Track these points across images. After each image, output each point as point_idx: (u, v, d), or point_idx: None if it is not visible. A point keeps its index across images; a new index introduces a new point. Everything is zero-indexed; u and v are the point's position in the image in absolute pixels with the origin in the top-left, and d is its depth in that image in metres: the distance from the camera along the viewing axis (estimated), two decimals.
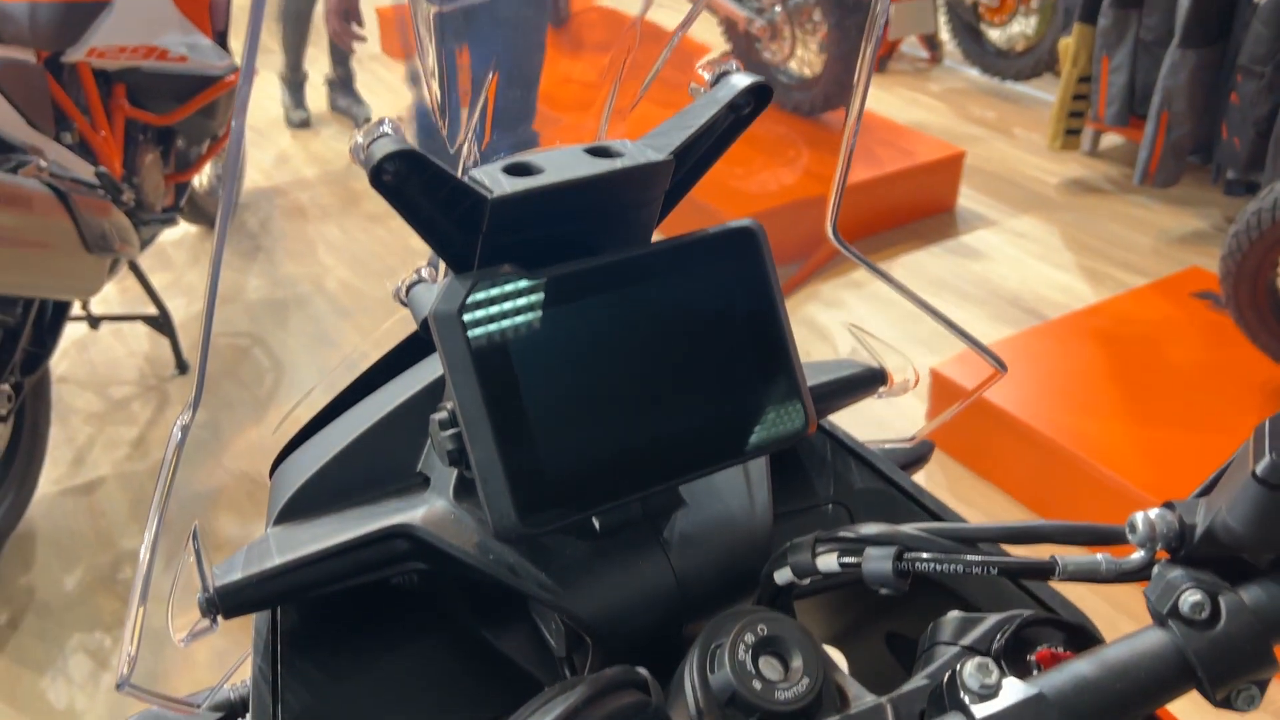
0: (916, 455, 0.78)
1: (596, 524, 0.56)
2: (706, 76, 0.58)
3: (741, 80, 0.57)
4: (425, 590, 0.62)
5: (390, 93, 4.67)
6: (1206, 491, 0.48)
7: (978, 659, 0.44)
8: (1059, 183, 3.91)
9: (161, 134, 2.80)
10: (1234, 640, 0.43)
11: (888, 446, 0.77)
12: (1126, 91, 3.59)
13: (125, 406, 2.74)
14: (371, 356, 0.66)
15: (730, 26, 4.10)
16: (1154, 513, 0.47)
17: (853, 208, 3.54)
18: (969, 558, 0.49)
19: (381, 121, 0.49)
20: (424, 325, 0.55)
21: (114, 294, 3.09)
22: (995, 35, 4.55)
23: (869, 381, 0.71)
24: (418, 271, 0.59)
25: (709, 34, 4.35)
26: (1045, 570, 0.48)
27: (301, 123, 4.43)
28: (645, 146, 0.55)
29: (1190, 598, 0.44)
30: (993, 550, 0.54)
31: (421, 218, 0.51)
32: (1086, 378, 2.51)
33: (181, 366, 2.85)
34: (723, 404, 0.54)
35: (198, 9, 2.74)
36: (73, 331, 2.55)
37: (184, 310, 3.10)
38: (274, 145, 4.27)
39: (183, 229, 3.49)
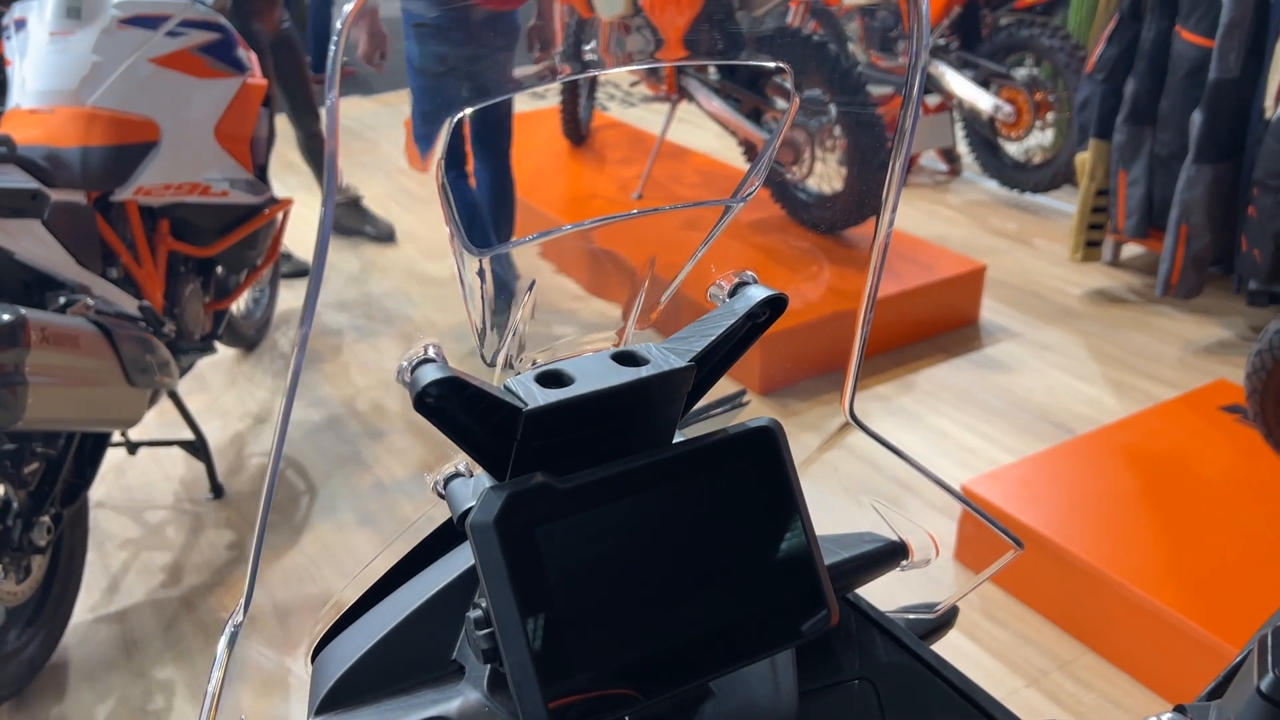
0: (941, 623, 0.80)
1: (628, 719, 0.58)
2: (726, 286, 0.62)
3: (758, 292, 0.61)
4: None
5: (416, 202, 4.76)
6: (1216, 693, 0.49)
7: None
8: (1082, 294, 3.94)
9: (202, 265, 2.90)
10: None
11: (911, 617, 0.78)
12: (1144, 204, 3.65)
13: (160, 532, 2.78)
14: (408, 543, 0.68)
15: (749, 147, 4.22)
16: (1166, 717, 0.48)
17: (876, 322, 3.55)
18: None
19: (426, 347, 0.53)
20: (460, 518, 0.58)
21: (151, 418, 3.15)
22: (1012, 149, 4.65)
23: (890, 556, 0.73)
24: (454, 465, 0.62)
25: (730, 152, 4.48)
26: None
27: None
28: (668, 352, 0.59)
29: None
30: None
31: (459, 430, 0.54)
32: (1117, 495, 2.50)
33: (216, 490, 2.89)
34: (747, 601, 0.56)
35: (239, 145, 2.86)
36: (110, 457, 2.60)
37: (220, 433, 3.16)
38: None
39: (221, 353, 3.57)
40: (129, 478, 2.99)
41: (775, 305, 0.60)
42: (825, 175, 4.06)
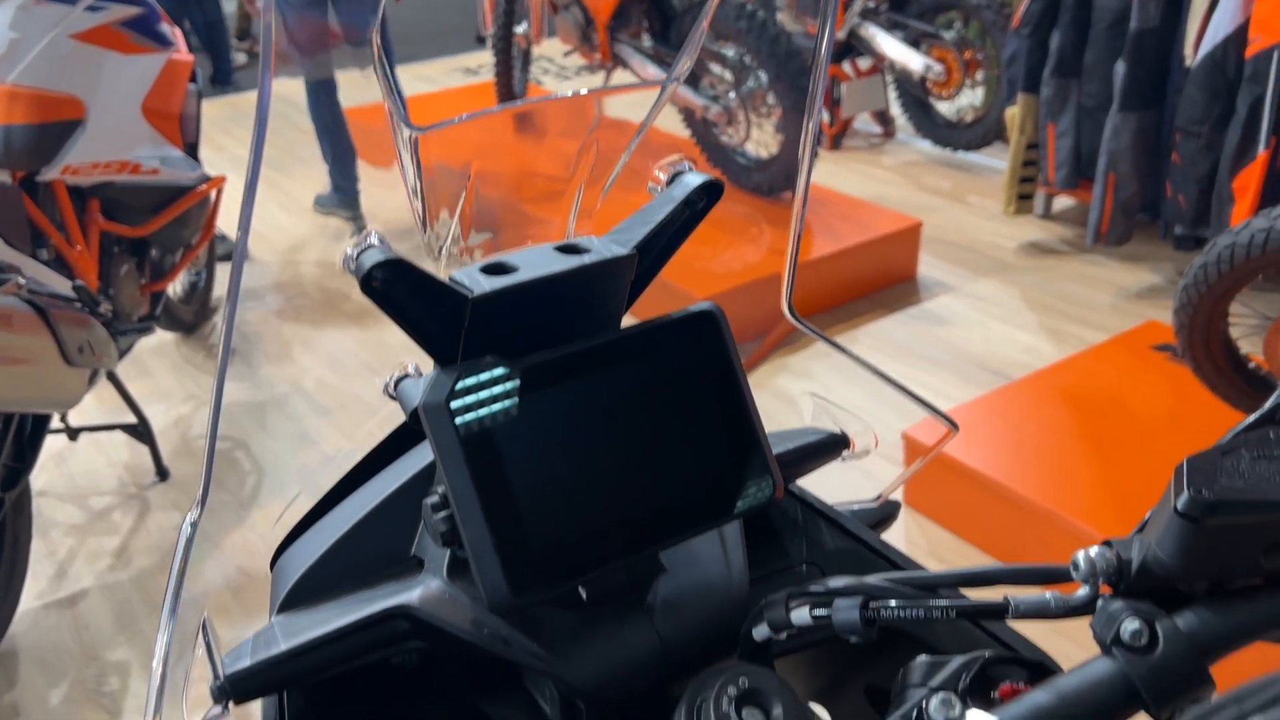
0: (883, 515, 0.82)
1: (583, 594, 0.59)
2: (663, 176, 0.64)
3: (694, 179, 0.62)
4: (425, 668, 0.64)
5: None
6: (1144, 529, 0.52)
7: (942, 694, 0.48)
8: (1015, 246, 4.02)
9: (136, 245, 2.85)
10: (1172, 663, 0.47)
11: (855, 508, 0.81)
12: (1073, 156, 3.73)
13: (106, 517, 2.74)
14: (363, 450, 0.69)
15: (689, 114, 4.24)
16: (1094, 550, 0.51)
17: (817, 280, 3.63)
18: (930, 602, 0.53)
19: (369, 234, 0.54)
20: (413, 416, 0.59)
21: (91, 404, 3.10)
22: (944, 108, 4.72)
23: (832, 446, 0.75)
24: (404, 367, 0.63)
25: (670, 123, 4.49)
26: (999, 610, 0.52)
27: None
28: (610, 242, 0.60)
29: (1130, 626, 0.47)
30: (951, 594, 0.57)
31: (408, 318, 0.55)
32: (1055, 433, 2.57)
33: (162, 474, 2.85)
34: (695, 475, 0.58)
35: (168, 122, 2.82)
36: (51, 444, 2.55)
37: (163, 417, 3.12)
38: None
39: (158, 336, 3.51)
40: (71, 465, 2.94)
41: (711, 191, 0.62)
42: (762, 141, 4.09)
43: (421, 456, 0.66)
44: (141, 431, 2.84)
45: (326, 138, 4.29)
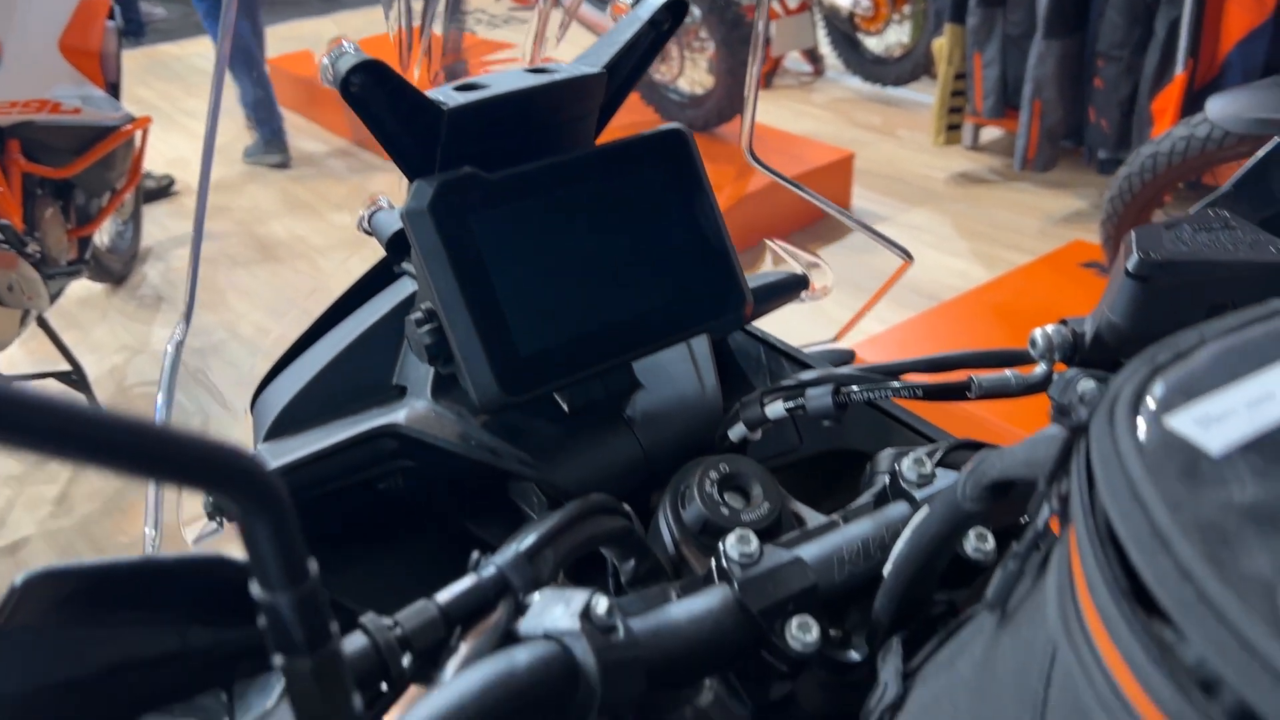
0: (841, 359, 0.85)
1: (565, 406, 0.61)
2: (627, 2, 0.65)
3: None
4: (411, 494, 0.66)
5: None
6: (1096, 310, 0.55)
7: (914, 455, 0.50)
8: (945, 177, 4.09)
9: (60, 188, 2.77)
10: None
11: (815, 349, 0.84)
12: (1000, 85, 3.80)
13: (43, 466, 2.68)
14: (338, 290, 0.70)
15: None
16: (1050, 328, 0.54)
17: (754, 213, 3.66)
18: (895, 384, 0.56)
19: (343, 42, 0.54)
20: (389, 245, 0.60)
21: (21, 356, 3.02)
22: (872, 44, 4.75)
23: (792, 286, 0.77)
24: (375, 201, 0.64)
25: None
26: (962, 389, 0.55)
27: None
28: (579, 64, 0.61)
29: (1085, 385, 0.50)
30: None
31: (386, 130, 0.56)
32: (987, 345, 2.64)
33: None
34: (670, 286, 0.60)
35: (88, 61, 2.73)
36: None
37: (96, 366, 3.05)
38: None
39: (87, 287, 3.43)
40: None
41: (676, 10, 0.63)
42: (696, 78, 4.09)
43: (398, 292, 0.67)
44: (77, 379, 2.78)
45: (245, 80, 4.21)
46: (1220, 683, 0.22)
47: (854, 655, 0.49)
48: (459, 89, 0.58)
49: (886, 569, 0.45)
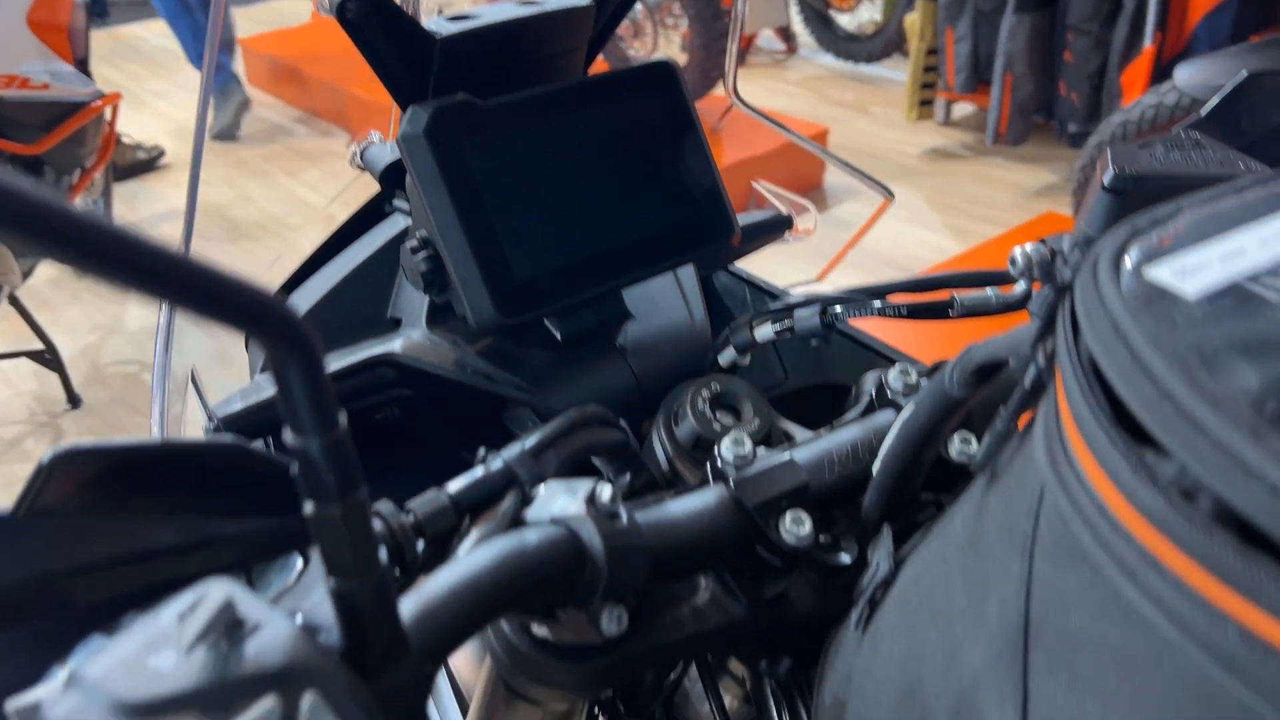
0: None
1: (558, 334, 0.62)
2: None
3: None
4: (408, 424, 0.67)
5: None
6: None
7: (899, 367, 0.52)
8: (918, 153, 4.12)
9: (30, 165, 2.74)
10: None
11: (795, 291, 0.85)
12: (971, 60, 3.82)
13: (18, 445, 2.66)
14: (330, 226, 0.71)
15: None
16: (1029, 246, 0.55)
17: (729, 188, 3.67)
18: (879, 304, 0.58)
19: None
20: (382, 178, 0.61)
21: None
22: (845, 21, 4.77)
23: (776, 226, 0.79)
24: (367, 136, 0.65)
25: None
26: (944, 307, 0.57)
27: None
28: None
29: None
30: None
31: (380, 57, 0.57)
32: None
33: (74, 401, 2.78)
34: (658, 216, 0.61)
35: (56, 36, 2.70)
36: None
37: (70, 346, 3.03)
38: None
39: (58, 268, 3.39)
40: None
41: None
42: (670, 54, 4.10)
43: (390, 228, 0.68)
44: (50, 359, 2.76)
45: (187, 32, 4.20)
46: (1199, 488, 0.23)
47: (844, 558, 0.50)
48: (451, 19, 0.59)
49: (875, 466, 0.46)
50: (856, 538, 0.49)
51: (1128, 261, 0.29)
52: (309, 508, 0.29)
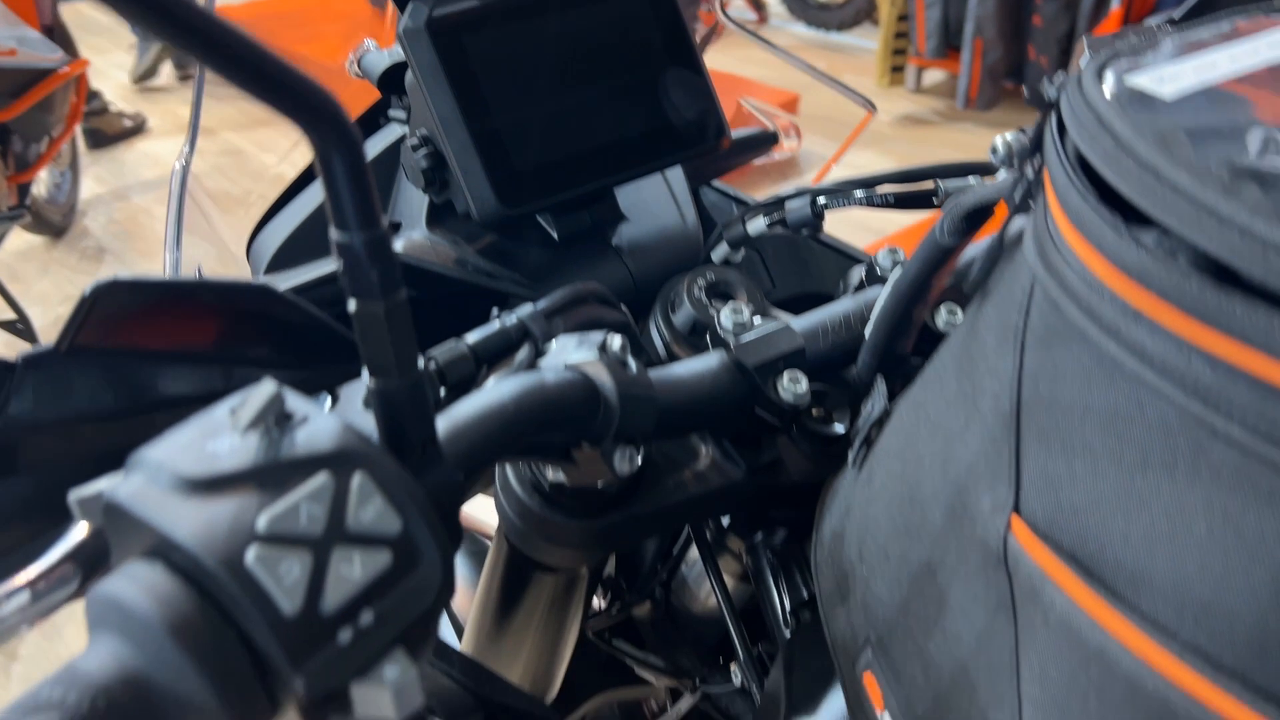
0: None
1: (555, 234, 0.64)
2: None
3: None
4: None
5: None
6: None
7: (887, 248, 0.54)
8: (890, 119, 4.15)
9: None
10: None
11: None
12: (942, 26, 3.86)
13: None
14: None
15: None
16: (1010, 135, 0.58)
17: None
18: (863, 194, 0.60)
19: None
20: (380, 82, 0.62)
21: None
22: None
23: (763, 141, 0.81)
24: (364, 45, 0.66)
25: None
26: (928, 196, 0.59)
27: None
28: None
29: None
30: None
31: None
32: None
33: None
34: (651, 115, 0.63)
35: (22, 3, 2.68)
36: None
37: (41, 318, 3.00)
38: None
39: (27, 240, 3.38)
40: None
41: None
42: None
43: (386, 136, 0.69)
44: (22, 329, 2.74)
45: None
46: (1178, 246, 0.26)
47: (837, 428, 0.53)
48: None
49: (869, 326, 0.48)
50: (849, 406, 0.51)
51: (1109, 75, 0.32)
52: (353, 305, 0.31)
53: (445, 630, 0.79)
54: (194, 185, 0.65)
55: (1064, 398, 0.29)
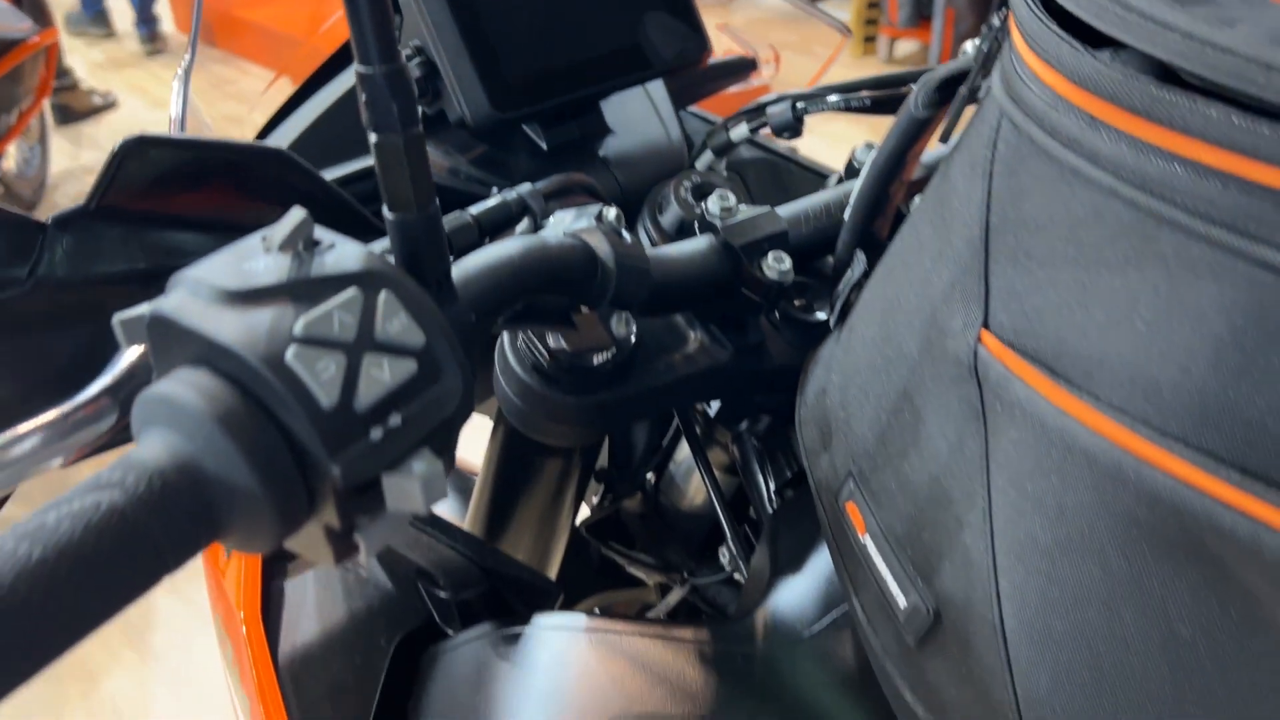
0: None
1: (544, 144, 0.66)
2: None
3: None
4: None
5: None
6: None
7: (865, 142, 0.57)
8: None
9: None
10: None
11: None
12: None
13: None
14: (325, 52, 0.74)
15: None
16: (978, 39, 0.61)
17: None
18: (840, 98, 0.63)
19: None
20: None
21: None
22: None
23: (741, 67, 0.83)
24: None
25: None
26: (904, 100, 0.62)
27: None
28: None
29: None
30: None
31: None
32: None
33: None
34: (636, 28, 0.65)
35: None
36: None
37: None
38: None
39: None
40: None
41: None
42: None
43: None
44: None
45: None
46: (1128, 57, 0.29)
47: (819, 315, 0.56)
48: None
49: (848, 207, 0.51)
50: (829, 295, 0.54)
51: None
52: (373, 138, 0.33)
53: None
54: (194, 100, 0.67)
55: (1029, 215, 0.32)
